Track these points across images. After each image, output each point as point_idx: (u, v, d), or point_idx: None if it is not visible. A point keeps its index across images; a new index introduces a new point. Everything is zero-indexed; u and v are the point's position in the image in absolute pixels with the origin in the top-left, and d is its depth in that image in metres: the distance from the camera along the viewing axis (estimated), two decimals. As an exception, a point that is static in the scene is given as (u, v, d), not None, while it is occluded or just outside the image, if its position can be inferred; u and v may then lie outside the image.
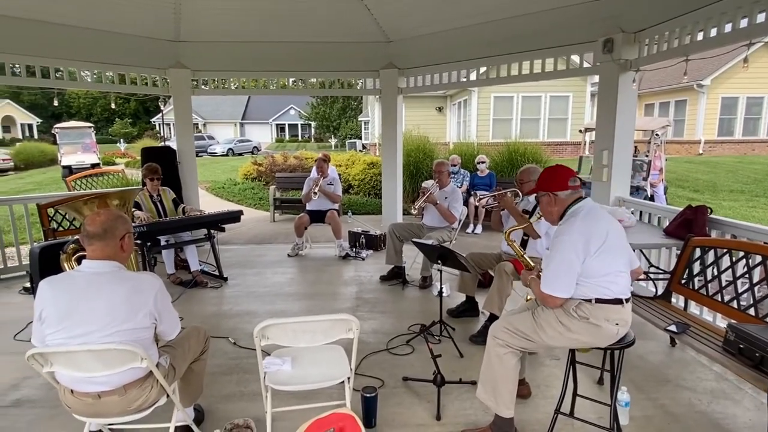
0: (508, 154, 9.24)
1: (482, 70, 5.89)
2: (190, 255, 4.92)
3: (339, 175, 6.98)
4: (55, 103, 7.98)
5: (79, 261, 2.43)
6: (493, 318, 3.40)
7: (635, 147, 8.15)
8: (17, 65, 5.25)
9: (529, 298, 2.59)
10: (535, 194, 2.42)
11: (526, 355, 2.54)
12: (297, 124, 43.27)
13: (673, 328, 2.77)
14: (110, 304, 1.80)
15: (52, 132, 23.09)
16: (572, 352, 2.37)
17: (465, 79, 6.09)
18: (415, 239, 3.68)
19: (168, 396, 2.04)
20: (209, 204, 8.80)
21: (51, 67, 5.44)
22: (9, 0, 4.66)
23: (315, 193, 5.80)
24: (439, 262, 3.38)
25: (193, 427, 2.35)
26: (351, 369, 2.25)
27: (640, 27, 4.16)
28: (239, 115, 42.34)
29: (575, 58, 5.34)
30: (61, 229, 4.98)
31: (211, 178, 14.58)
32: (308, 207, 6.13)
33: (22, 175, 20.31)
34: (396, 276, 4.89)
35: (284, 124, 43.78)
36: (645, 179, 8.32)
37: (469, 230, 7.40)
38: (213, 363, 3.03)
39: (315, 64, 6.44)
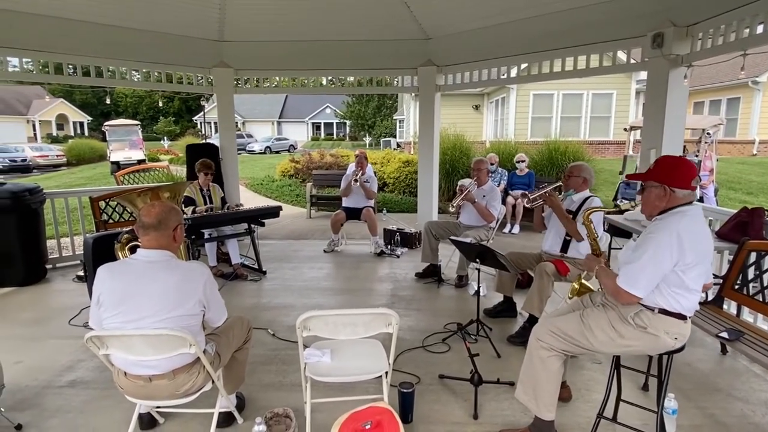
0: (548, 153, 9.03)
1: (523, 66, 5.77)
2: (231, 248, 5.07)
3: (374, 172, 7.01)
4: (107, 101, 8.39)
5: (132, 250, 2.55)
6: (532, 319, 3.34)
7: (684, 146, 7.80)
8: (70, 65, 5.53)
9: (571, 295, 2.52)
10: (640, 182, 2.19)
11: (569, 357, 2.48)
12: (332, 123, 43.77)
13: (725, 335, 2.64)
14: (163, 291, 1.89)
15: (102, 129, 24.26)
16: (617, 355, 2.30)
17: (505, 76, 5.99)
18: (452, 237, 3.66)
19: (213, 382, 2.11)
20: (248, 200, 9.02)
21: (103, 67, 5.71)
22: (65, 3, 4.93)
23: (355, 181, 5.83)
24: (477, 260, 3.34)
25: (236, 413, 2.43)
26: (389, 363, 2.26)
27: (692, 20, 3.97)
28: (277, 113, 43.24)
29: (621, 53, 5.15)
30: (111, 221, 5.23)
31: (249, 175, 14.93)
32: (344, 204, 6.19)
33: (73, 170, 21.43)
34: (431, 274, 4.88)
35: (320, 123, 44.38)
36: (694, 180, 7.93)
37: (506, 230, 7.28)
38: (253, 353, 3.11)
39: (353, 63, 6.49)
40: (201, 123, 34.98)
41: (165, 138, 32.28)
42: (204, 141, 19.82)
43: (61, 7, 4.97)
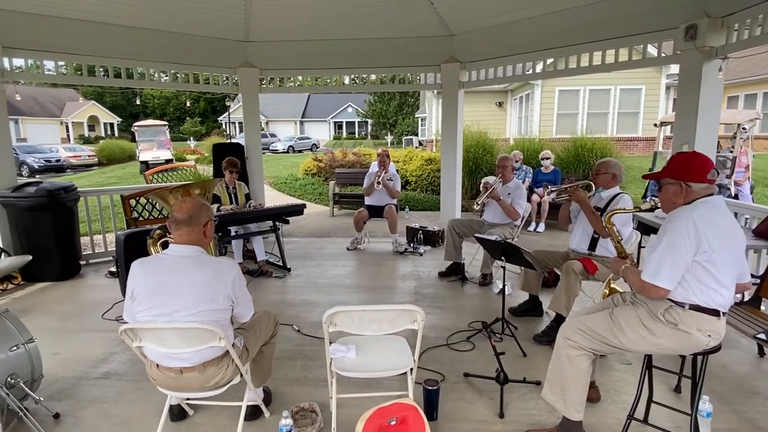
0: (574, 149, 8.86)
1: (549, 61, 5.67)
2: (256, 245, 5.15)
3: (397, 170, 7.01)
4: (137, 102, 8.65)
5: (163, 246, 2.61)
6: (559, 318, 3.29)
7: (718, 142, 7.55)
8: (102, 67, 5.69)
9: (609, 290, 2.46)
10: (656, 180, 2.19)
11: (598, 357, 2.43)
12: (354, 122, 43.95)
13: (763, 336, 2.55)
14: (194, 286, 1.93)
15: (131, 130, 24.92)
16: (648, 355, 2.24)
17: (530, 72, 5.89)
18: (477, 235, 3.62)
19: (241, 375, 2.15)
20: (272, 198, 9.15)
21: (133, 69, 5.86)
22: (97, 7, 5.07)
23: (378, 183, 5.86)
24: (503, 258, 3.31)
25: (263, 407, 2.47)
26: (414, 360, 2.26)
27: (728, 11, 3.82)
28: (299, 113, 43.66)
29: (652, 47, 5.01)
30: (141, 218, 5.38)
31: (273, 173, 15.12)
32: (367, 202, 6.21)
33: (104, 170, 22.10)
34: (455, 272, 4.85)
35: (342, 122, 44.62)
36: (729, 177, 7.67)
37: (531, 228, 7.18)
38: (279, 348, 3.15)
39: (376, 61, 6.49)
40: (226, 123, 35.61)
41: (191, 138, 32.95)
42: (229, 140, 20.18)
43: (92, 11, 5.12)
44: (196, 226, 2.01)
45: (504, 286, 3.38)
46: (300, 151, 31.16)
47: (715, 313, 1.98)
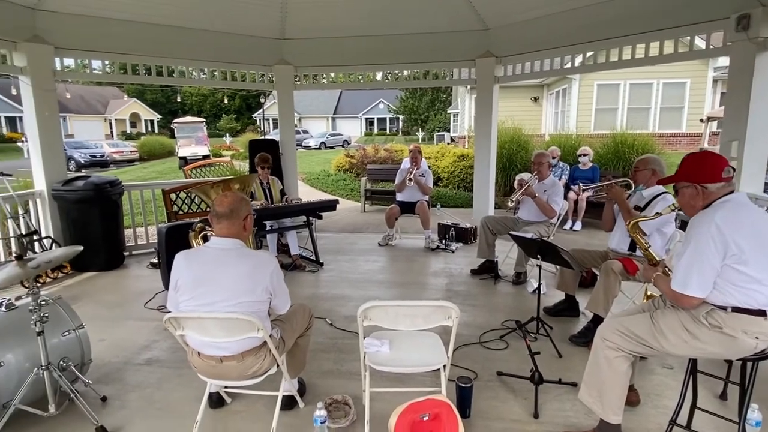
0: (614, 146, 8.57)
1: (588, 54, 5.50)
2: (290, 240, 5.24)
3: (429, 167, 6.97)
4: (178, 99, 8.90)
5: (204, 239, 2.70)
6: (596, 319, 3.20)
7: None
8: (144, 66, 5.89)
9: (650, 294, 2.39)
10: (673, 184, 2.16)
11: (638, 359, 2.36)
12: (385, 118, 43.99)
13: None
14: (235, 278, 1.99)
15: (171, 127, 25.74)
16: (693, 360, 2.16)
17: (568, 66, 5.74)
18: (512, 232, 3.57)
19: (278, 366, 2.20)
20: (305, 194, 9.25)
21: (174, 67, 6.06)
22: (138, 7, 5.26)
23: (410, 180, 5.86)
24: (538, 256, 3.24)
25: (297, 397, 2.52)
26: (448, 357, 2.26)
27: (786, -2, 3.62)
28: (331, 109, 44.07)
29: (699, 38, 4.78)
30: (181, 212, 5.56)
31: (306, 169, 15.31)
32: (399, 198, 6.21)
33: (145, 165, 22.94)
34: (487, 270, 4.79)
35: (373, 118, 44.74)
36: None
37: (567, 226, 7.00)
38: (312, 341, 3.20)
39: (409, 56, 6.47)
40: (260, 120, 36.32)
41: (227, 134, 33.77)
42: (263, 137, 20.58)
43: (135, 11, 5.32)
44: (236, 220, 2.07)
45: (540, 284, 3.32)
46: (332, 148, 31.44)
47: (760, 313, 1.89)
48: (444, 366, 2.27)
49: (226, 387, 2.54)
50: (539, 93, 15.96)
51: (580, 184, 3.73)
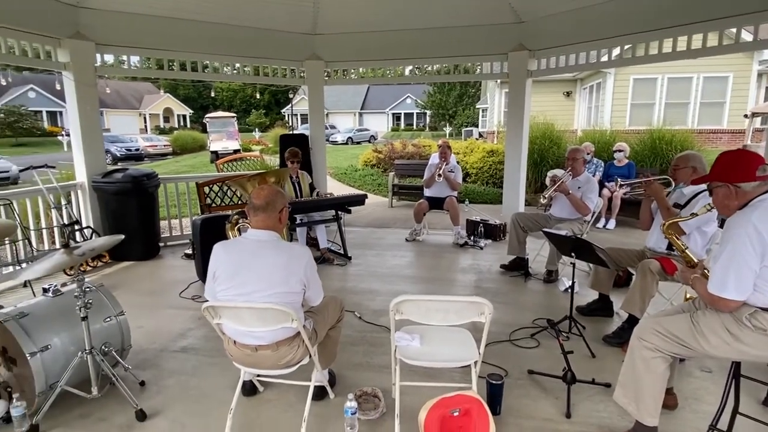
0: (650, 142, 8.29)
1: (626, 47, 5.33)
2: (319, 233, 5.30)
3: (457, 162, 6.91)
4: (212, 94, 9.07)
5: (239, 230, 2.76)
6: (631, 320, 3.12)
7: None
8: (179, 62, 6.05)
9: (689, 296, 2.31)
10: (706, 184, 2.12)
11: (676, 361, 2.29)
12: (413, 113, 43.81)
13: None
14: (270, 269, 2.03)
15: (203, 121, 26.33)
16: (736, 363, 2.08)
17: (605, 59, 5.58)
18: (545, 229, 3.51)
19: (310, 357, 2.23)
20: (333, 188, 9.30)
21: (208, 63, 6.18)
22: (173, 3, 5.37)
23: (439, 176, 5.83)
24: (572, 254, 3.18)
25: (328, 388, 2.55)
26: (479, 353, 2.24)
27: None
28: (358, 105, 44.18)
29: (746, 30, 4.56)
30: (214, 205, 5.68)
31: (333, 164, 15.41)
32: (427, 193, 6.18)
33: (178, 159, 23.57)
34: (518, 267, 4.73)
35: (400, 113, 44.64)
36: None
37: (601, 224, 6.82)
38: (342, 334, 3.24)
39: (440, 50, 6.41)
40: (288, 115, 36.74)
41: (256, 129, 34.32)
42: (291, 131, 20.83)
43: (169, 7, 5.43)
44: (272, 212, 2.11)
45: (573, 283, 3.25)
46: (358, 143, 31.56)
47: None
48: (475, 362, 2.25)
49: (259, 376, 2.59)
50: (572, 87, 15.57)
51: (618, 179, 3.62)
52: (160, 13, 5.48)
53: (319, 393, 2.52)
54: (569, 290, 3.92)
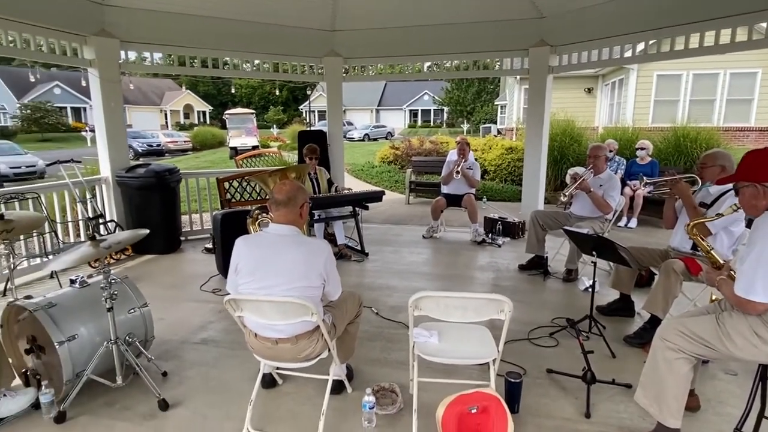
0: (674, 140, 8.11)
1: (650, 43, 5.21)
2: (337, 229, 5.33)
3: (476, 159, 6.87)
4: (233, 91, 9.16)
5: (260, 225, 2.79)
6: (653, 320, 3.07)
7: None
8: (198, 58, 6.12)
9: (714, 298, 2.26)
10: (732, 183, 2.08)
11: (699, 363, 2.25)
12: (430, 110, 43.63)
13: None
14: (291, 263, 2.06)
15: (222, 118, 26.65)
16: (763, 366, 2.03)
17: (629, 54, 5.45)
18: (566, 227, 3.46)
19: (329, 351, 2.25)
20: (350, 185, 9.36)
21: (229, 59, 6.24)
22: (192, 0, 5.43)
23: (457, 173, 5.80)
24: (594, 253, 3.13)
25: (346, 382, 2.58)
26: (498, 351, 2.23)
27: None
28: (375, 101, 44.17)
29: (778, 24, 4.43)
30: (234, 200, 5.76)
31: (350, 161, 15.46)
32: (445, 190, 6.16)
33: (197, 154, 23.91)
34: (536, 266, 4.68)
35: (417, 110, 44.49)
36: None
37: (621, 223, 6.70)
38: (359, 329, 3.25)
39: (460, 46, 6.36)
40: (306, 111, 36.95)
41: (274, 126, 34.60)
42: (308, 128, 20.97)
43: (190, 4, 5.50)
44: (293, 207, 2.13)
45: (594, 282, 3.21)
46: (375, 139, 31.57)
47: None
48: (494, 360, 2.24)
49: (278, 368, 2.63)
50: (593, 84, 15.31)
51: (644, 177, 3.54)
52: (182, 11, 5.56)
53: (337, 387, 2.54)
54: (589, 289, 3.88)
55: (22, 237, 4.33)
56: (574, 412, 2.46)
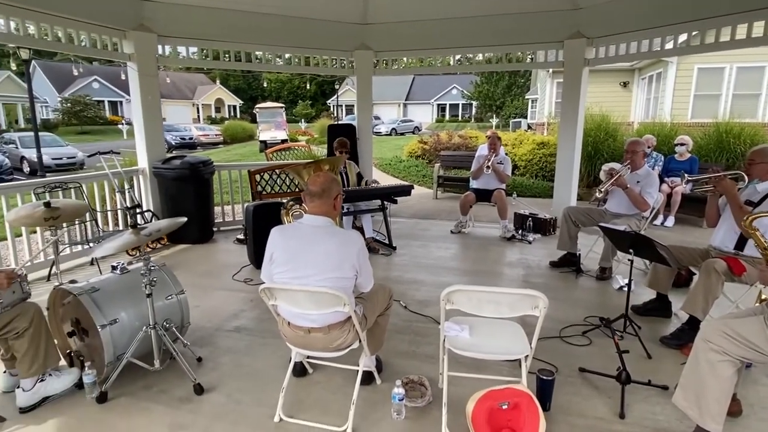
0: (716, 136, 7.78)
1: (693, 34, 5.00)
2: (365, 223, 5.35)
3: (506, 154, 6.76)
4: (264, 85, 9.27)
5: (293, 216, 2.83)
6: (692, 321, 2.97)
7: None
8: (232, 53, 6.21)
9: (765, 298, 2.16)
10: None
11: (743, 366, 2.16)
12: (458, 104, 43.16)
13: None
14: (325, 254, 2.08)
15: (252, 112, 27.07)
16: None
17: (670, 46, 5.25)
18: (602, 224, 3.37)
19: (360, 341, 2.27)
20: (377, 179, 9.37)
21: (262, 54, 6.33)
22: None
23: (487, 167, 5.73)
24: (631, 251, 3.04)
25: (375, 374, 2.59)
26: (531, 348, 2.20)
27: None
28: (403, 95, 43.97)
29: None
30: (264, 192, 5.85)
31: (378, 155, 15.46)
32: (474, 185, 6.09)
33: (228, 148, 24.39)
34: (568, 263, 4.59)
35: (445, 104, 44.08)
36: None
37: (658, 222, 6.48)
38: (389, 321, 3.26)
39: (492, 39, 6.25)
40: (334, 106, 37.14)
41: (302, 120, 34.93)
42: (336, 122, 21.10)
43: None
44: (327, 199, 2.16)
45: (630, 281, 3.12)
46: (402, 134, 31.48)
47: None
48: (526, 356, 2.22)
49: (309, 357, 2.66)
50: (629, 77, 14.81)
51: (686, 174, 3.41)
52: (216, 5, 5.65)
53: (366, 378, 2.55)
54: (623, 289, 3.80)
55: (65, 225, 4.51)
56: (608, 412, 2.40)
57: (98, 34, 5.09)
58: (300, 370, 2.68)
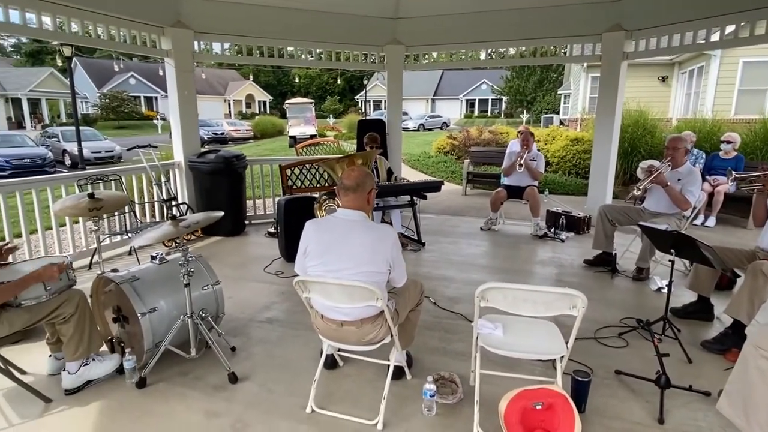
0: (763, 132, 7.40)
1: (742, 24, 4.76)
2: (394, 219, 5.35)
3: (539, 150, 6.63)
4: (296, 80, 9.36)
5: (325, 210, 2.84)
6: (736, 326, 2.84)
7: None
8: (265, 48, 6.29)
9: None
10: None
11: (796, 375, 2.05)
12: (487, 99, 42.53)
13: None
14: (359, 248, 2.09)
15: (282, 107, 27.41)
16: None
17: (717, 38, 5.02)
18: (642, 223, 3.26)
19: (391, 336, 2.27)
20: (406, 175, 9.34)
21: (294, 50, 6.38)
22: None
23: (520, 165, 5.63)
24: (672, 251, 2.94)
25: (406, 369, 2.59)
26: (567, 348, 2.15)
27: None
28: (431, 91, 43.64)
29: None
30: (295, 186, 5.91)
31: (406, 151, 15.38)
32: (505, 182, 5.99)
33: (258, 143, 24.77)
34: (603, 263, 4.46)
35: (474, 100, 43.52)
36: None
37: (698, 222, 6.22)
38: (419, 317, 3.25)
39: (525, 32, 6.11)
40: (362, 101, 37.21)
41: (330, 115, 35.16)
42: (364, 117, 21.15)
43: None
44: (361, 193, 2.16)
45: (671, 282, 3.01)
46: (430, 129, 31.29)
47: None
48: (561, 357, 2.17)
49: (339, 350, 2.68)
50: (668, 72, 14.25)
51: (733, 172, 3.26)
52: (249, 1, 5.72)
53: (396, 373, 2.55)
54: (662, 290, 3.67)
55: (105, 215, 4.68)
56: (646, 416, 2.33)
57: (138, 30, 5.23)
58: (331, 363, 2.70)
